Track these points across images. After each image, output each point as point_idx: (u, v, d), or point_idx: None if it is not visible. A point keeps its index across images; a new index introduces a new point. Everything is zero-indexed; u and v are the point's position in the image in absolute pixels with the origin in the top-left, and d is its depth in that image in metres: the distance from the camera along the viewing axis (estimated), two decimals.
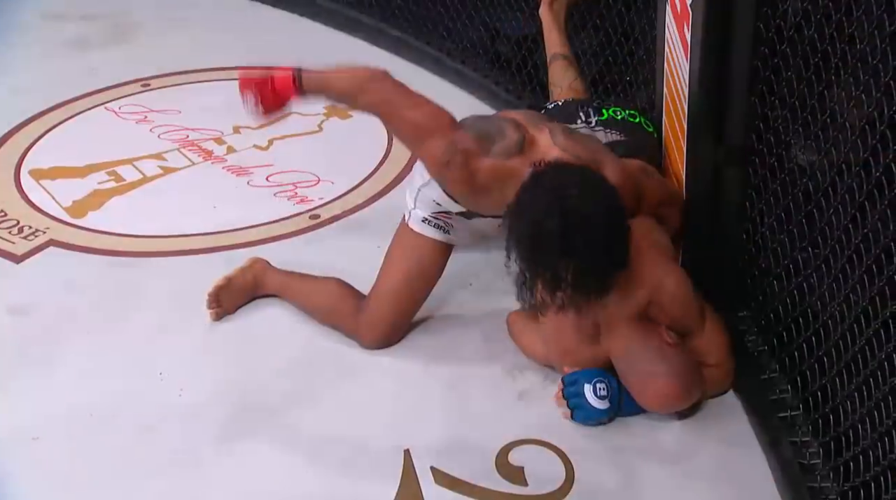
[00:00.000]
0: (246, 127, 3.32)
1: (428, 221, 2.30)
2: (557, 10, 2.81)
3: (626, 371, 2.11)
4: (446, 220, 2.28)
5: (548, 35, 2.83)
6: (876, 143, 1.68)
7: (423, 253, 2.31)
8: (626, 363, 2.10)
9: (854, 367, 1.80)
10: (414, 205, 2.30)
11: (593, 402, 2.10)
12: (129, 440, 2.15)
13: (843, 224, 1.82)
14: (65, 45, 3.92)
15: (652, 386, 2.06)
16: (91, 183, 3.04)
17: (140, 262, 2.72)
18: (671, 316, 2.10)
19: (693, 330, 2.13)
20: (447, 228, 2.30)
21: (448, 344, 2.38)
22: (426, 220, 2.30)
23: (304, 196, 2.98)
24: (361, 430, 2.17)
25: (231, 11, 4.16)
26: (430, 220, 2.29)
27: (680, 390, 2.06)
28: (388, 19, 3.77)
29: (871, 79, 1.69)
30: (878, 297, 1.70)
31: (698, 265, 2.28)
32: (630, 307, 2.08)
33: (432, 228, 2.30)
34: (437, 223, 2.29)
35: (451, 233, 2.30)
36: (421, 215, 2.30)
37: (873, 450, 1.73)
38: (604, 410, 2.11)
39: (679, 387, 2.06)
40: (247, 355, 2.39)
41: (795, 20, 1.95)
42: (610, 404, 2.11)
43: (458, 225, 2.28)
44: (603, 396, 2.10)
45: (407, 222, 2.33)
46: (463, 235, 2.32)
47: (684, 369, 2.07)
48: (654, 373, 2.05)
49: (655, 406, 2.10)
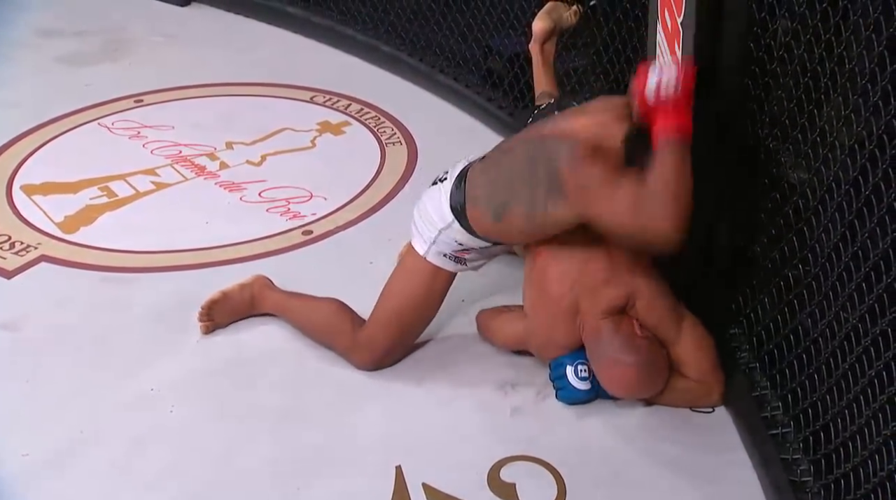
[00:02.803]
0: (239, 142, 3.33)
1: (447, 257, 2.28)
2: (548, 51, 2.74)
3: (593, 355, 2.18)
4: (466, 255, 2.29)
5: (536, 71, 2.76)
6: (865, 161, 1.69)
7: (434, 284, 2.29)
8: (595, 347, 2.17)
9: (845, 384, 1.81)
10: (434, 242, 2.27)
11: (575, 383, 2.19)
12: (120, 457, 2.14)
13: (834, 241, 1.83)
14: (58, 61, 3.92)
15: (615, 372, 2.14)
16: (83, 198, 3.03)
17: (132, 277, 2.71)
18: (645, 322, 2.17)
19: (668, 340, 2.19)
20: (465, 261, 2.30)
21: (440, 360, 2.38)
22: (446, 255, 2.28)
23: (297, 212, 2.98)
24: (353, 446, 2.16)
25: (224, 28, 4.18)
26: (451, 256, 2.28)
27: (640, 380, 2.14)
28: (381, 36, 3.79)
29: (860, 98, 1.71)
30: (868, 313, 1.71)
31: (690, 281, 2.29)
32: (607, 301, 2.16)
33: (451, 261, 2.29)
34: (458, 258, 2.29)
35: (466, 264, 2.31)
36: (442, 251, 2.28)
37: (864, 467, 1.74)
38: (585, 391, 2.20)
39: (639, 377, 2.13)
40: (239, 372, 2.38)
41: (785, 40, 1.97)
42: (591, 386, 2.20)
43: (474, 256, 2.29)
44: (584, 378, 2.19)
45: (424, 256, 2.28)
46: (476, 264, 2.34)
47: (648, 361, 2.14)
48: (619, 361, 2.13)
49: (615, 391, 2.18)
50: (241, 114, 3.53)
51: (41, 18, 4.28)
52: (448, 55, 3.55)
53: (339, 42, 3.91)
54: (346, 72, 3.77)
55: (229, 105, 3.60)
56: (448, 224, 2.25)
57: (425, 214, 2.29)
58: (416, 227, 2.31)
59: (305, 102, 3.61)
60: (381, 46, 3.76)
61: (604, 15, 2.88)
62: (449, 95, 3.50)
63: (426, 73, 3.59)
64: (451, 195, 2.25)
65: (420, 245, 2.30)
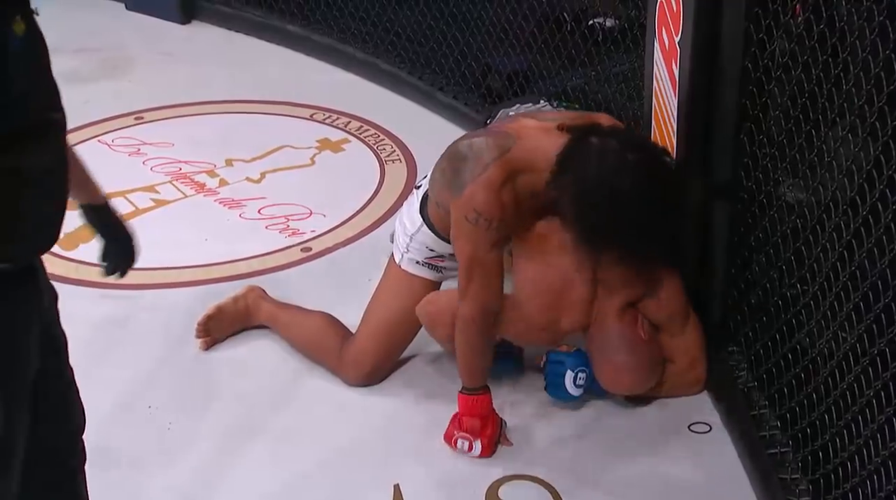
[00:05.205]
0: (238, 160, 3.33)
1: (421, 264, 2.29)
2: None
3: (595, 349, 2.20)
4: (440, 263, 2.29)
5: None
6: (863, 182, 1.70)
7: (414, 294, 2.28)
8: (599, 343, 2.19)
9: (843, 404, 1.81)
10: (406, 249, 2.29)
11: (570, 388, 2.22)
12: (118, 474, 2.13)
13: (832, 261, 1.83)
14: (58, 78, 3.88)
15: (615, 372, 2.19)
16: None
17: (131, 294, 2.71)
18: (664, 312, 2.19)
19: (676, 331, 2.22)
20: (440, 269, 2.30)
21: (437, 379, 2.38)
22: (419, 263, 2.29)
23: (296, 229, 2.99)
24: (351, 465, 2.16)
25: (223, 45, 4.19)
26: (424, 263, 2.29)
27: (636, 382, 2.21)
28: (381, 54, 3.80)
29: (857, 119, 1.71)
30: (866, 333, 1.71)
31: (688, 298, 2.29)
32: (625, 296, 2.17)
33: (427, 269, 2.29)
34: (431, 265, 2.29)
35: (443, 273, 2.31)
36: (414, 259, 2.29)
37: (862, 487, 1.73)
38: (576, 396, 2.23)
39: (637, 379, 2.20)
40: (236, 390, 2.38)
41: (782, 60, 1.98)
42: (582, 392, 2.23)
43: (450, 264, 2.28)
44: (580, 385, 2.22)
45: (398, 264, 2.30)
46: (454, 272, 2.32)
47: (647, 364, 2.20)
48: (620, 361, 2.18)
49: (614, 389, 2.23)
50: (240, 131, 3.53)
51: None
52: (447, 73, 3.56)
53: (338, 60, 3.92)
54: (345, 89, 3.78)
55: (229, 122, 3.61)
56: (417, 228, 2.25)
57: (401, 222, 2.31)
58: (395, 236, 2.33)
59: (305, 119, 3.62)
60: (380, 64, 3.77)
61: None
62: (448, 113, 3.51)
63: (426, 91, 3.60)
64: (421, 198, 2.26)
65: (396, 255, 2.31)
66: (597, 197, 1.97)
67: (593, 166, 1.97)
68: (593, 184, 1.97)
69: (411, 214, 2.28)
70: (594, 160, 1.97)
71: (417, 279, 2.29)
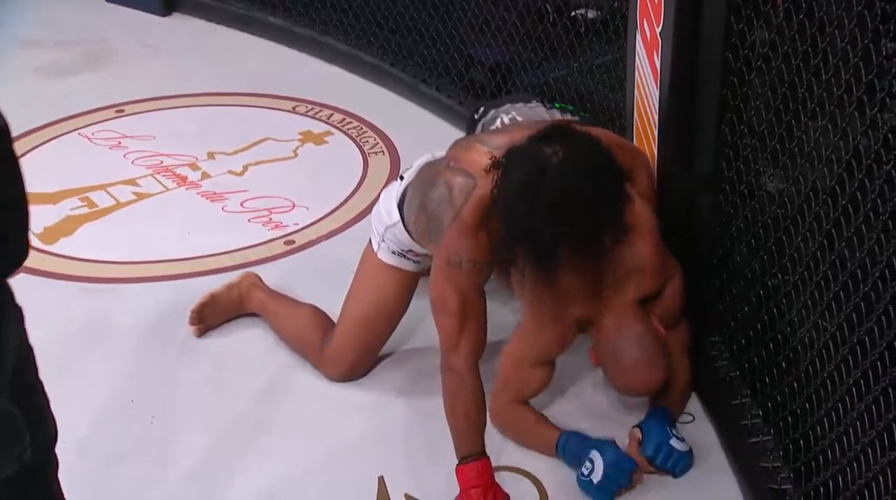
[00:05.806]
0: (220, 152, 3.32)
1: (397, 254, 2.26)
2: None
3: (613, 352, 2.03)
4: (415, 258, 2.27)
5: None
6: (842, 171, 1.71)
7: (390, 284, 2.26)
8: (617, 344, 2.02)
9: (825, 392, 1.82)
10: (382, 239, 2.26)
11: (678, 446, 2.07)
12: (99, 470, 2.12)
13: (812, 250, 1.84)
14: (39, 72, 3.90)
15: (641, 374, 2.01)
16: (63, 209, 3.02)
17: (113, 288, 2.70)
18: (669, 308, 2.09)
19: (673, 326, 2.14)
20: (417, 261, 2.28)
21: (422, 371, 2.38)
22: (395, 253, 2.26)
23: (279, 222, 2.98)
24: (335, 457, 2.16)
25: (205, 38, 4.17)
26: (400, 254, 2.26)
27: (660, 382, 2.04)
28: (363, 46, 3.79)
29: (836, 108, 1.72)
30: (847, 322, 1.72)
31: None
32: (636, 292, 2.03)
33: (403, 259, 2.26)
34: (406, 255, 2.27)
35: (420, 263, 2.28)
36: (391, 248, 2.26)
37: (843, 475, 1.75)
38: (687, 451, 2.08)
39: (661, 379, 2.04)
40: (219, 383, 2.37)
41: (763, 51, 1.99)
42: (684, 442, 2.09)
43: (425, 259, 2.26)
44: (681, 438, 2.09)
45: (375, 253, 2.27)
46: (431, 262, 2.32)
47: (666, 362, 2.04)
48: (648, 362, 2.01)
49: (635, 392, 2.08)
50: (222, 124, 3.52)
51: (22, 29, 4.26)
52: (430, 65, 3.55)
53: (321, 52, 3.91)
54: (328, 82, 3.77)
55: (211, 115, 3.60)
56: (394, 223, 2.22)
57: (377, 211, 2.28)
58: (372, 221, 2.30)
59: (287, 111, 3.61)
60: (363, 56, 3.76)
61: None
62: (431, 105, 3.51)
63: (409, 83, 3.60)
64: (401, 193, 2.23)
65: (374, 242, 2.28)
66: (502, 211, 1.92)
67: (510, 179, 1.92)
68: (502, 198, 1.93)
69: (389, 207, 2.24)
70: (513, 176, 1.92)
71: (394, 270, 2.27)
